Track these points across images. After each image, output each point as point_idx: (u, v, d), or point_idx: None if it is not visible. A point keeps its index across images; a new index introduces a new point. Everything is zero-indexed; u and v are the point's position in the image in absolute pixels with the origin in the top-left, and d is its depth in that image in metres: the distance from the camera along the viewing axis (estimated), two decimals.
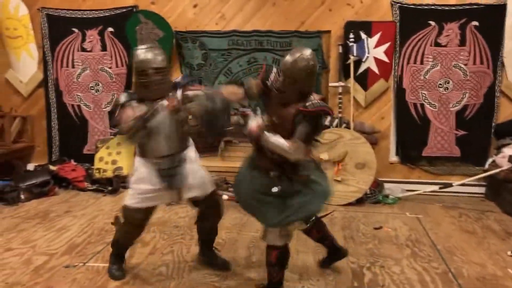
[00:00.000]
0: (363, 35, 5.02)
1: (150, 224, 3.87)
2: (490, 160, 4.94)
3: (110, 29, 5.47)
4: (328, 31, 5.15)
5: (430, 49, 5.02)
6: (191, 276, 2.98)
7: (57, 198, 4.83)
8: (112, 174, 5.10)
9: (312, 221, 2.84)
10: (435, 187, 4.84)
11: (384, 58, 5.07)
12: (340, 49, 5.11)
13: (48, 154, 5.77)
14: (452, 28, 4.96)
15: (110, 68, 5.56)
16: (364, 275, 3.02)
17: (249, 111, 5.72)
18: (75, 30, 5.54)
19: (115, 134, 5.17)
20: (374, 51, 5.05)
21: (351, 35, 5.00)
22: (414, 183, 5.12)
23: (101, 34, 5.50)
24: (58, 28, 5.56)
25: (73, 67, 5.62)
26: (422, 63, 5.05)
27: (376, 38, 5.04)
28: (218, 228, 3.12)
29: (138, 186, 2.83)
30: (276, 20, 5.20)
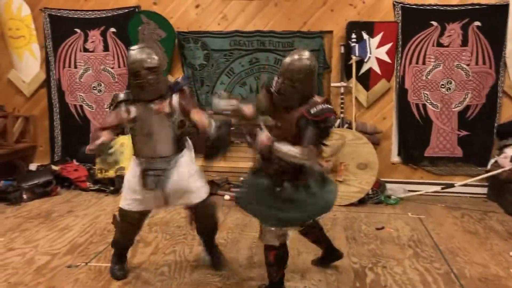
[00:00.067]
0: (365, 36, 5.02)
1: (152, 224, 3.91)
2: (492, 160, 4.93)
3: (113, 29, 5.48)
4: (330, 32, 5.16)
5: (432, 49, 5.02)
6: (193, 276, 2.99)
7: (59, 198, 4.84)
8: (114, 174, 5.10)
9: (308, 223, 2.85)
10: (437, 188, 4.84)
11: (386, 58, 5.06)
12: (342, 49, 5.11)
13: (50, 154, 5.79)
14: (454, 28, 4.95)
15: (112, 68, 5.57)
16: (366, 276, 3.02)
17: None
18: (78, 31, 5.55)
19: (117, 135, 5.16)
20: (376, 52, 5.05)
21: (353, 36, 5.00)
22: (416, 184, 5.12)
23: (103, 34, 5.51)
24: (61, 28, 5.58)
25: (75, 67, 5.63)
26: (424, 64, 5.05)
27: (378, 38, 5.03)
28: (220, 228, 3.11)
29: (128, 187, 2.85)
30: (278, 20, 5.20)
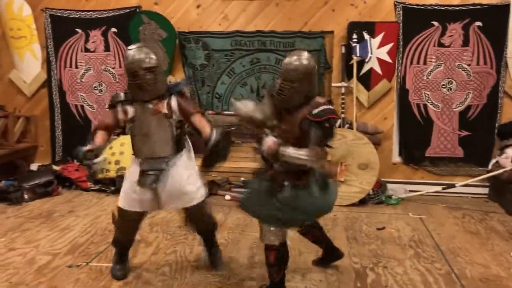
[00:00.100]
0: (366, 36, 5.02)
1: (153, 224, 3.92)
2: (493, 160, 4.92)
3: (114, 29, 5.48)
4: (331, 32, 5.15)
5: (433, 49, 5.01)
6: (194, 276, 2.99)
7: (60, 198, 4.84)
8: (115, 174, 5.10)
9: (308, 223, 2.86)
10: (438, 188, 4.83)
11: (387, 58, 5.06)
12: (343, 49, 5.10)
13: (51, 154, 5.79)
14: (455, 28, 4.95)
15: (113, 68, 5.57)
16: (367, 276, 3.02)
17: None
18: (79, 31, 5.56)
19: (118, 134, 5.17)
20: (377, 52, 5.05)
21: (354, 36, 4.99)
22: (417, 184, 5.12)
23: (104, 34, 5.51)
24: (62, 28, 5.58)
25: (76, 68, 5.63)
26: (425, 64, 5.05)
27: (379, 38, 5.03)
28: (221, 228, 3.09)
29: (127, 186, 2.84)
30: (279, 20, 5.20)
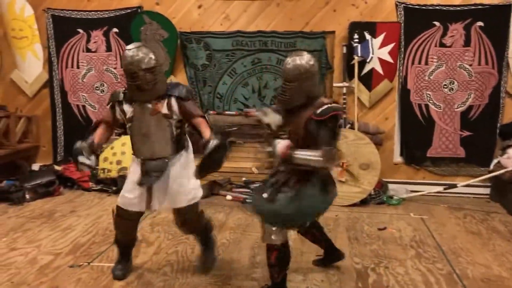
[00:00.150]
0: (368, 36, 5.02)
1: (154, 224, 3.92)
2: (495, 161, 4.91)
3: (115, 29, 5.49)
4: (332, 32, 5.15)
5: (434, 49, 5.01)
6: (196, 276, 2.98)
7: (62, 198, 4.85)
8: (116, 174, 5.10)
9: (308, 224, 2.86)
10: (440, 188, 4.83)
11: (388, 58, 5.06)
12: (344, 49, 5.10)
13: (53, 154, 5.80)
14: (457, 28, 4.94)
15: (115, 68, 5.58)
16: (368, 276, 3.02)
17: (253, 111, 5.68)
18: (80, 31, 5.57)
19: (120, 134, 5.18)
20: (379, 52, 5.05)
21: (356, 36, 4.99)
22: (419, 184, 5.12)
23: (106, 34, 5.52)
24: (63, 28, 5.59)
25: (78, 68, 5.64)
26: (426, 64, 5.04)
27: (380, 38, 5.03)
28: (222, 229, 3.08)
29: (126, 185, 2.83)
30: (280, 20, 5.20)
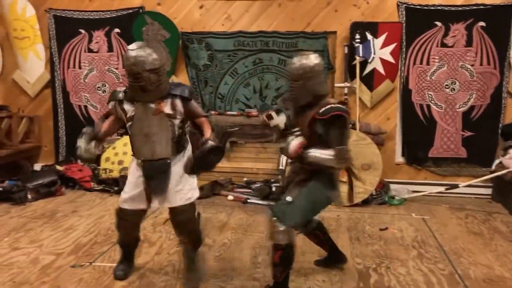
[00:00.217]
0: (369, 36, 5.01)
1: (156, 224, 3.92)
2: (497, 161, 4.91)
3: (117, 30, 5.50)
4: (334, 32, 5.15)
5: (436, 49, 5.01)
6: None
7: (63, 198, 4.85)
8: (118, 174, 5.11)
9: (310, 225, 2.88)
10: (441, 188, 4.83)
11: (390, 59, 5.06)
12: (346, 49, 5.10)
13: (55, 154, 5.82)
14: (458, 28, 4.94)
15: (116, 69, 5.59)
16: (370, 276, 3.02)
17: (254, 111, 5.67)
18: (82, 31, 5.58)
19: (121, 135, 5.19)
20: (380, 52, 5.04)
21: (357, 36, 4.99)
22: (420, 184, 5.11)
23: (107, 35, 5.53)
24: (65, 29, 5.60)
25: (80, 68, 5.65)
26: (428, 64, 5.04)
27: (382, 38, 5.03)
28: (224, 229, 3.07)
29: (126, 186, 2.80)
30: (282, 21, 5.21)
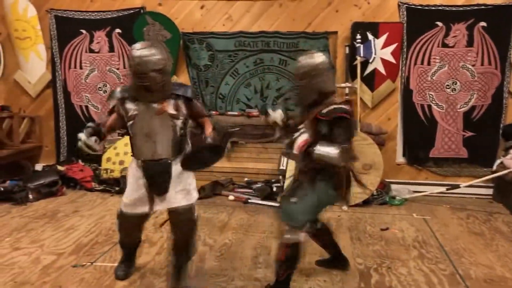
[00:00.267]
0: (370, 36, 5.01)
1: (157, 224, 3.90)
2: (498, 161, 4.90)
3: (118, 30, 5.50)
4: (335, 32, 5.15)
5: (437, 50, 5.00)
6: (198, 276, 2.98)
7: (65, 198, 4.86)
8: (119, 174, 5.12)
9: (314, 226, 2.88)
10: (442, 189, 4.82)
11: (391, 59, 5.05)
12: (347, 50, 5.10)
13: (56, 155, 5.82)
14: (459, 28, 4.94)
15: (118, 69, 5.59)
16: (371, 276, 3.02)
17: (255, 112, 5.67)
18: (83, 31, 5.58)
19: (122, 135, 5.19)
20: (381, 52, 5.04)
21: (358, 36, 4.98)
22: (421, 184, 5.11)
23: (109, 35, 5.53)
24: (66, 29, 5.61)
25: (81, 68, 5.66)
26: (429, 64, 5.04)
27: (383, 39, 5.03)
28: (224, 229, 3.05)
29: (127, 189, 2.75)
30: (283, 21, 5.21)
